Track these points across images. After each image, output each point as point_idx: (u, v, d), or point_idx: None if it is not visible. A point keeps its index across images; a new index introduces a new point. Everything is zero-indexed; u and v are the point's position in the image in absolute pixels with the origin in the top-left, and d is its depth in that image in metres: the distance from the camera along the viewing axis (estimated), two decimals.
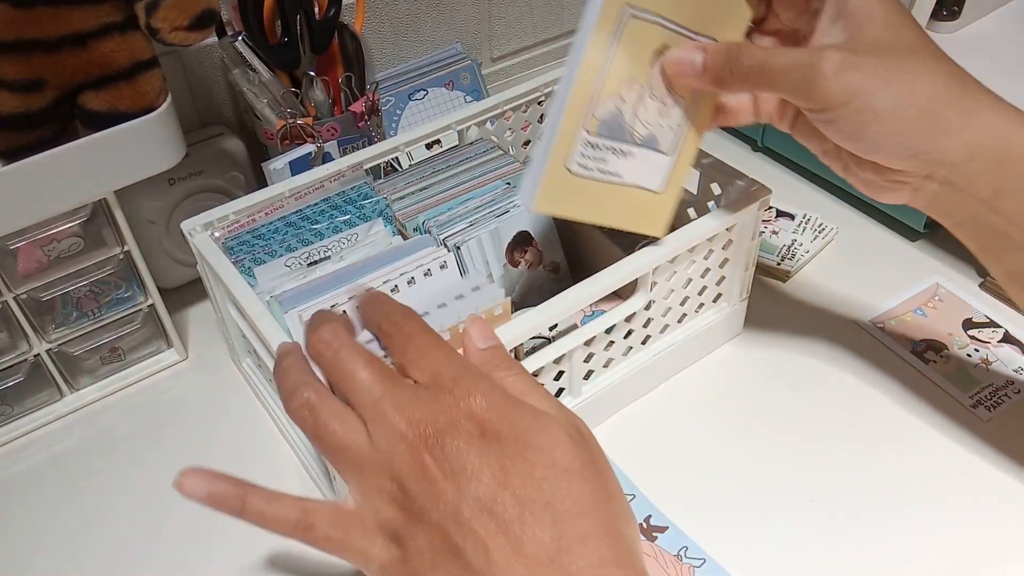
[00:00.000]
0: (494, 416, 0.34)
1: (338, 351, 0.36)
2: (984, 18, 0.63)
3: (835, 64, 0.38)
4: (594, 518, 0.33)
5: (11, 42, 0.45)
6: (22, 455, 0.56)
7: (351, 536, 0.35)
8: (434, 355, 0.36)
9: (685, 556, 0.47)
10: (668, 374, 0.57)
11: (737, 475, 0.51)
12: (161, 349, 0.61)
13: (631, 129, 0.44)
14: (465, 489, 0.33)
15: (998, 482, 0.50)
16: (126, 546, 0.50)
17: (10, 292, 0.52)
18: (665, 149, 0.46)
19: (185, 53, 0.64)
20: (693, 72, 0.42)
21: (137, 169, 0.51)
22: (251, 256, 0.52)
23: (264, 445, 0.55)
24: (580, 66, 0.41)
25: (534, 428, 0.34)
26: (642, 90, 0.43)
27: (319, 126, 0.60)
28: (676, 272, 0.52)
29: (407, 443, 0.34)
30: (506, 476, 0.33)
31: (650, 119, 0.44)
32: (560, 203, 0.44)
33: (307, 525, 0.36)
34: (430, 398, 0.35)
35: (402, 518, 0.34)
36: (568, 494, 0.33)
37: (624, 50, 0.42)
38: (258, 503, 0.36)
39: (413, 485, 0.33)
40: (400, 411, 0.34)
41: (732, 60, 0.41)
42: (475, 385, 0.35)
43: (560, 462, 0.34)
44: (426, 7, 0.74)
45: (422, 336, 0.37)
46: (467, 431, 0.34)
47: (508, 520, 0.32)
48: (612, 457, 0.52)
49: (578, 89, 0.41)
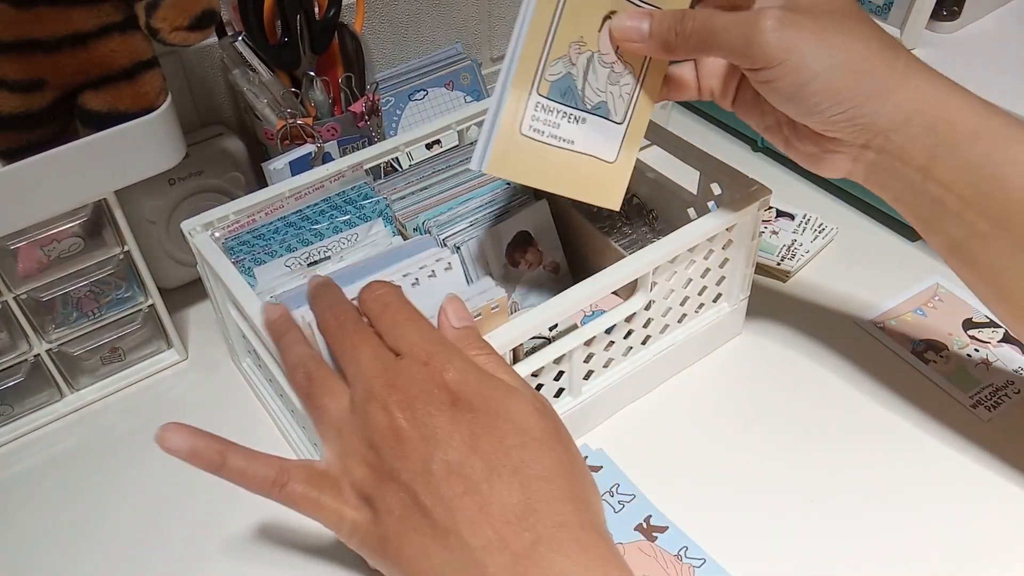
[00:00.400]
0: (467, 389, 0.36)
1: (343, 324, 0.39)
2: (984, 18, 0.63)
3: (774, 21, 0.39)
4: (559, 484, 0.35)
5: (11, 42, 0.45)
6: (22, 455, 0.56)
7: (325, 496, 0.37)
8: (410, 327, 0.39)
9: (685, 556, 0.47)
10: (668, 374, 0.57)
11: (737, 475, 0.51)
12: (161, 349, 0.61)
13: (582, 95, 0.45)
14: (435, 452, 0.34)
15: (998, 482, 0.50)
16: (126, 546, 0.50)
17: (10, 292, 0.52)
18: (617, 118, 0.46)
19: (185, 53, 0.64)
20: (639, 37, 0.43)
21: (137, 169, 0.51)
22: (251, 256, 0.52)
23: (264, 445, 0.54)
24: (529, 24, 0.42)
25: (505, 400, 0.36)
26: (592, 55, 0.44)
27: (319, 126, 0.60)
28: (676, 272, 0.52)
29: (381, 405, 0.35)
30: (476, 442, 0.35)
31: (600, 86, 0.45)
32: (512, 167, 0.44)
33: (283, 483, 0.38)
34: (406, 367, 0.37)
35: (373, 478, 0.36)
36: (536, 460, 0.35)
37: (572, 11, 0.42)
38: (237, 460, 0.38)
39: (385, 446, 0.35)
40: (378, 376, 0.36)
41: (676, 23, 0.42)
42: (448, 359, 0.37)
43: (530, 432, 0.36)
44: (426, 7, 0.74)
45: (399, 308, 0.40)
46: (439, 399, 0.36)
47: (476, 481, 0.34)
48: (612, 457, 0.52)
49: (527, 48, 0.43)
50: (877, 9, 0.59)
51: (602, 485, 0.51)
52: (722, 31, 0.40)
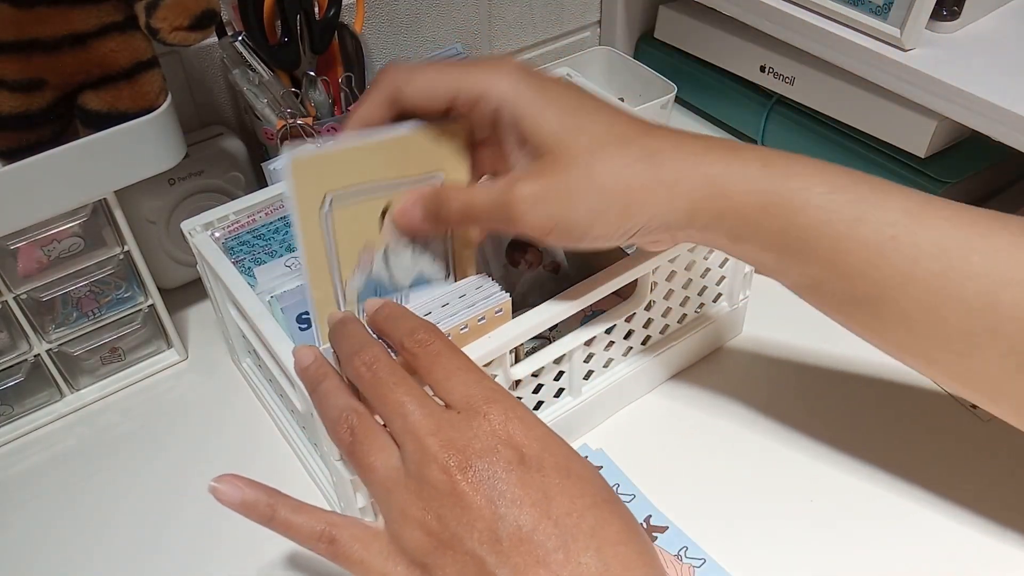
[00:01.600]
0: (534, 443, 0.33)
1: (376, 372, 0.36)
2: (984, 18, 0.63)
3: (526, 201, 0.38)
4: (632, 547, 0.33)
5: (11, 42, 0.45)
6: (22, 455, 0.56)
7: (372, 556, 0.35)
8: (463, 377, 0.36)
9: (685, 556, 0.47)
10: (668, 374, 0.57)
11: (737, 475, 0.51)
12: (161, 349, 0.61)
13: (394, 282, 0.44)
14: (505, 517, 0.32)
15: (998, 482, 0.50)
16: (126, 546, 0.50)
17: (10, 292, 0.52)
18: (440, 276, 0.46)
19: (185, 53, 0.64)
20: (417, 225, 0.43)
21: (137, 169, 0.51)
22: (251, 256, 0.52)
23: (264, 445, 0.55)
24: (307, 261, 0.41)
25: (572, 456, 0.34)
26: (385, 249, 0.43)
27: (319, 126, 0.60)
28: (676, 272, 0.52)
29: (441, 467, 0.33)
30: (549, 505, 0.32)
31: (408, 264, 0.44)
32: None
33: (330, 538, 0.36)
34: (463, 421, 0.34)
35: (430, 545, 0.33)
36: (609, 522, 0.33)
37: (344, 230, 0.41)
38: (286, 513, 0.37)
39: (446, 511, 0.32)
40: (433, 434, 0.33)
41: (441, 207, 0.41)
42: (512, 409, 0.34)
43: (599, 491, 0.33)
44: (426, 7, 0.74)
45: (450, 357, 0.36)
46: (506, 458, 0.33)
47: (551, 550, 0.31)
48: (612, 457, 0.52)
49: (316, 281, 0.42)
50: (877, 9, 0.59)
51: None
52: (485, 213, 0.40)
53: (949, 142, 0.64)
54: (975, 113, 0.56)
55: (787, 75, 0.71)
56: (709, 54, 0.79)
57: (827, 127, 0.70)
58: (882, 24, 0.60)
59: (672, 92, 0.75)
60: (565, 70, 0.64)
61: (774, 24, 0.67)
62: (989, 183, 0.69)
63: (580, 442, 0.53)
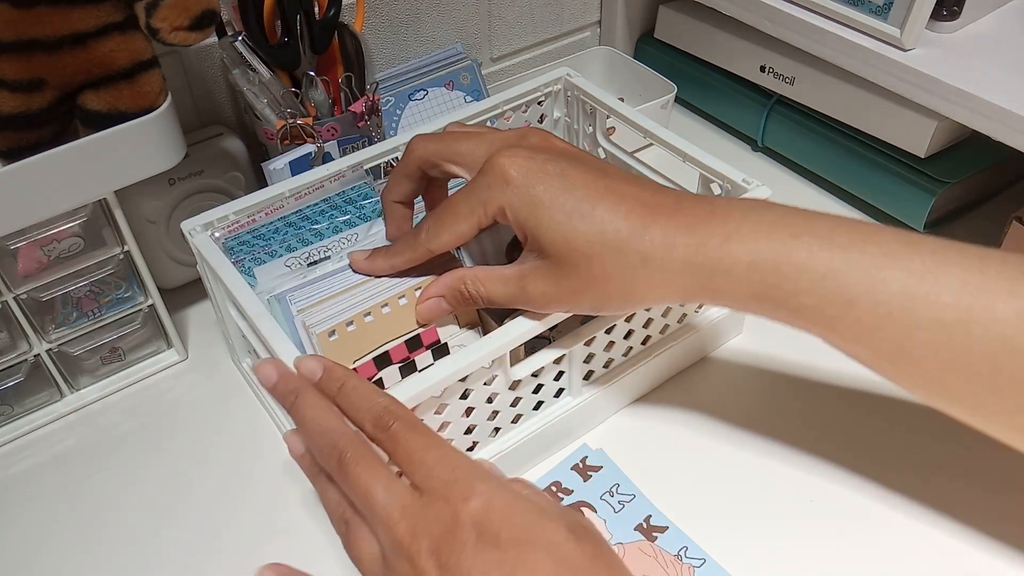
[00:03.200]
0: (493, 518, 0.33)
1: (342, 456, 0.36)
2: (984, 18, 0.63)
3: (538, 298, 0.43)
4: None
5: (11, 42, 0.45)
6: (22, 455, 0.56)
7: None
8: (425, 456, 0.35)
9: (685, 556, 0.47)
10: (668, 374, 0.57)
11: (737, 475, 0.51)
12: (161, 349, 0.61)
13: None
14: None
15: (998, 482, 0.50)
16: (126, 546, 0.50)
17: (10, 292, 0.52)
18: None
19: (185, 53, 0.64)
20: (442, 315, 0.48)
21: (137, 169, 0.51)
22: (251, 256, 0.52)
23: (264, 445, 0.55)
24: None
25: (537, 525, 0.33)
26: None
27: (319, 126, 0.60)
28: None
29: (407, 557, 0.33)
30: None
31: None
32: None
33: None
34: (426, 505, 0.34)
35: None
36: None
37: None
38: None
39: None
40: (398, 523, 0.34)
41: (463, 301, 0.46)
42: (470, 487, 0.34)
43: (567, 559, 0.33)
44: (426, 7, 0.74)
45: (410, 438, 0.36)
46: (462, 540, 0.33)
47: None
48: (612, 457, 0.52)
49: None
50: (877, 9, 0.59)
51: (602, 485, 0.51)
52: (503, 302, 0.45)
53: (949, 142, 0.64)
54: (975, 113, 0.56)
55: (787, 75, 0.71)
56: (709, 54, 0.79)
57: (827, 127, 0.70)
58: (882, 24, 0.60)
59: (672, 92, 0.75)
60: (565, 70, 0.64)
61: (774, 24, 0.67)
62: (989, 183, 0.69)
63: (580, 442, 0.54)
